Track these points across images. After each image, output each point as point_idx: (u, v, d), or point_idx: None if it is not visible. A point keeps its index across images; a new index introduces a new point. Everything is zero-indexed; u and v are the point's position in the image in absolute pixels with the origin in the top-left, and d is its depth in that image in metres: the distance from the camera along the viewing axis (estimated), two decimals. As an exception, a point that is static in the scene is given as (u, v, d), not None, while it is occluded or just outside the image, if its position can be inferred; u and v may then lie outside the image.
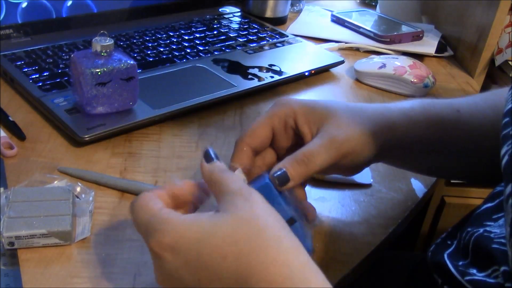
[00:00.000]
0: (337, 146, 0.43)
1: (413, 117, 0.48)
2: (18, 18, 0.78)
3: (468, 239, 0.46)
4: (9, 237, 0.43)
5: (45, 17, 0.81)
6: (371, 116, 0.46)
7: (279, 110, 0.45)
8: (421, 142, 0.48)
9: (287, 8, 1.03)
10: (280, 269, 0.32)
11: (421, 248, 1.09)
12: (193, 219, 0.34)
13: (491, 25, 0.87)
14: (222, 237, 0.32)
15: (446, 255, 0.48)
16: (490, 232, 0.44)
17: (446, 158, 0.50)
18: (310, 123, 0.45)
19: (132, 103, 0.63)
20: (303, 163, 0.41)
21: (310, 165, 0.41)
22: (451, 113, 0.49)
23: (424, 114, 0.48)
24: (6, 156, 0.55)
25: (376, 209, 0.55)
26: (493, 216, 0.46)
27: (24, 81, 0.67)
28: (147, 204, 0.36)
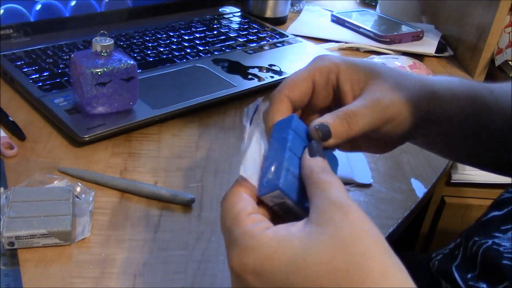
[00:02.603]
0: (382, 109, 0.39)
1: (454, 89, 0.45)
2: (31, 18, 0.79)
3: (475, 250, 0.45)
4: (9, 237, 0.43)
5: (54, 17, 0.81)
6: (416, 83, 0.43)
7: (322, 64, 0.41)
8: (460, 117, 0.45)
9: (287, 8, 1.02)
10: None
11: (421, 248, 1.10)
12: (283, 238, 0.29)
13: (491, 25, 0.87)
14: (316, 265, 0.28)
15: (454, 267, 0.48)
16: (499, 245, 0.44)
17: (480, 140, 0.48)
18: (353, 81, 0.41)
19: (132, 103, 0.63)
20: (345, 121, 0.37)
21: (352, 124, 0.38)
22: (486, 92, 0.47)
23: (463, 88, 0.46)
24: (6, 156, 0.55)
25: (376, 209, 0.54)
26: (502, 227, 0.45)
27: (24, 81, 0.67)
28: (235, 206, 0.32)
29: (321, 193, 0.31)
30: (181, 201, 0.51)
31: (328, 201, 0.30)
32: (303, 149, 0.36)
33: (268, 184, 0.34)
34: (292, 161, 0.35)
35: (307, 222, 0.30)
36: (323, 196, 0.31)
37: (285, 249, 0.28)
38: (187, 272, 0.44)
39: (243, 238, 0.30)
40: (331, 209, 0.30)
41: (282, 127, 0.37)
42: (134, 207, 0.51)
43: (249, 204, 0.33)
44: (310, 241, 0.28)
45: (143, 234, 0.48)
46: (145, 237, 0.47)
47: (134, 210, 0.51)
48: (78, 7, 0.83)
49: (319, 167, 0.33)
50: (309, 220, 0.30)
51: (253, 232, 0.30)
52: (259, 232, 0.30)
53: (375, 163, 0.61)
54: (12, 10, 0.77)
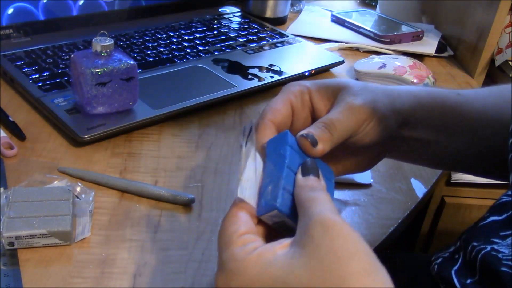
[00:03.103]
0: (355, 111, 0.42)
1: (419, 97, 0.47)
2: (41, 14, 0.80)
3: (474, 256, 0.45)
4: (9, 237, 0.43)
5: (64, 15, 0.82)
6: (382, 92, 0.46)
7: (294, 88, 0.44)
8: (427, 124, 0.47)
9: (287, 8, 1.02)
10: None
11: (421, 248, 1.09)
12: (267, 262, 0.30)
13: (491, 25, 0.87)
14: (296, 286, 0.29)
15: (453, 271, 0.47)
16: (498, 251, 0.43)
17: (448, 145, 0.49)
18: (324, 98, 0.43)
19: (132, 103, 0.63)
20: (326, 129, 0.40)
21: (332, 131, 0.40)
22: (452, 95, 0.49)
23: (429, 95, 0.48)
24: (6, 156, 0.55)
25: (376, 209, 0.55)
26: (501, 232, 0.45)
27: (24, 81, 0.67)
28: (228, 229, 0.34)
29: (305, 211, 0.32)
30: (181, 201, 0.51)
31: (310, 218, 0.31)
32: (299, 166, 0.37)
33: (266, 204, 0.35)
34: (289, 179, 0.36)
35: (292, 243, 0.31)
36: (306, 214, 0.32)
37: (268, 273, 0.29)
38: (187, 272, 0.44)
39: (229, 262, 0.31)
40: (312, 227, 0.30)
41: (277, 144, 0.38)
42: (134, 207, 0.51)
43: (244, 225, 0.34)
44: (291, 263, 0.29)
45: (143, 234, 0.48)
46: (145, 237, 0.47)
47: (134, 210, 0.51)
48: (85, 6, 0.83)
49: (309, 186, 0.34)
50: (294, 240, 0.31)
51: (239, 256, 0.31)
52: (244, 256, 0.31)
53: (375, 163, 0.62)
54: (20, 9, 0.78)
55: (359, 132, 0.42)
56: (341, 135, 0.40)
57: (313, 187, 0.34)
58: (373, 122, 0.42)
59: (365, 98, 0.43)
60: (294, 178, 0.36)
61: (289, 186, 0.35)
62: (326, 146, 0.39)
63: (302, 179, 0.35)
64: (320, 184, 0.35)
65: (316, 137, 0.39)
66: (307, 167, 0.36)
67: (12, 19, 0.77)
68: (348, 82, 0.44)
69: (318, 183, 0.35)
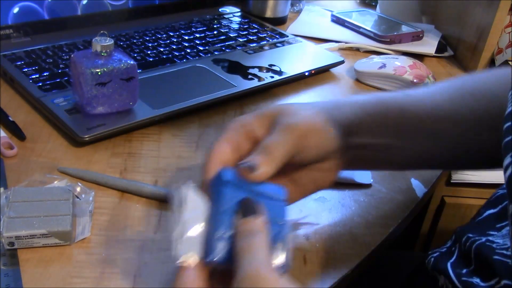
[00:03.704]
0: (290, 129, 0.42)
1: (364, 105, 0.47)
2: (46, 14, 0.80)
3: (469, 247, 0.46)
4: (9, 237, 0.43)
5: (68, 14, 0.82)
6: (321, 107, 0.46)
7: (234, 125, 0.44)
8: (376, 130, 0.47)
9: (287, 8, 1.02)
10: None
11: (421, 248, 1.09)
12: None
13: (491, 25, 0.87)
14: None
15: (449, 264, 0.48)
16: (492, 242, 0.44)
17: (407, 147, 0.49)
18: (265, 126, 0.44)
19: (132, 103, 0.63)
20: (264, 153, 0.40)
21: (271, 154, 0.40)
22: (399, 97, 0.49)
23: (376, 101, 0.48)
24: (6, 156, 0.55)
25: (376, 209, 0.55)
26: (497, 224, 0.46)
27: (24, 81, 0.67)
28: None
29: (239, 262, 0.33)
30: (181, 201, 0.51)
31: (241, 271, 0.32)
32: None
33: (207, 255, 0.35)
34: (227, 224, 0.36)
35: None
36: (239, 265, 0.33)
37: None
38: (187, 272, 0.44)
39: None
40: (242, 280, 0.31)
41: (215, 185, 0.38)
42: (134, 207, 0.51)
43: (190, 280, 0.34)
44: None
45: (143, 234, 0.48)
46: (145, 237, 0.47)
47: (134, 210, 0.51)
48: (89, 6, 0.83)
49: (247, 231, 0.35)
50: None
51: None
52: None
53: (375, 163, 0.62)
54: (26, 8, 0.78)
55: (301, 149, 0.42)
56: (281, 155, 0.41)
57: (250, 231, 0.35)
58: (312, 136, 0.43)
59: (300, 116, 0.44)
60: (232, 221, 0.36)
61: (228, 232, 0.35)
62: (268, 168, 0.39)
63: (239, 222, 0.36)
64: (257, 224, 0.35)
65: (256, 162, 0.39)
66: (244, 206, 0.36)
67: (18, 18, 0.77)
68: (286, 105, 0.46)
69: (255, 224, 0.35)
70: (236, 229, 0.35)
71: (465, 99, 0.48)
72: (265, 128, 0.44)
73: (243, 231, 0.35)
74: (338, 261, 0.47)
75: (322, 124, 0.44)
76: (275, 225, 0.37)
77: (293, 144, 0.42)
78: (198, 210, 0.37)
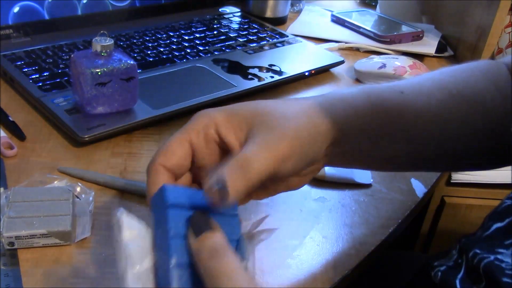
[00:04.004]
0: (274, 149, 0.36)
1: (356, 107, 0.43)
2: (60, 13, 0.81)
3: (477, 263, 0.44)
4: (9, 237, 0.43)
5: (68, 14, 0.82)
6: (309, 111, 0.40)
7: (196, 122, 0.38)
8: (367, 132, 0.43)
9: (287, 8, 1.02)
10: None
11: (421, 248, 1.10)
12: None
13: (491, 25, 0.87)
14: None
15: (458, 280, 0.47)
16: (501, 261, 0.42)
17: (393, 147, 0.45)
18: (236, 130, 0.38)
19: (132, 103, 0.63)
20: (240, 170, 0.34)
21: (248, 173, 0.34)
22: (394, 95, 0.44)
23: (368, 100, 0.43)
24: (6, 156, 0.55)
25: (376, 209, 0.55)
26: (505, 241, 0.44)
27: (24, 81, 0.67)
28: None
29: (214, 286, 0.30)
30: (181, 201, 0.51)
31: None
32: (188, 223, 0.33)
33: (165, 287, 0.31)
34: (180, 249, 0.32)
35: None
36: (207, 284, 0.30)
37: None
38: (187, 272, 0.44)
39: None
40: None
41: (158, 206, 0.34)
42: (134, 207, 0.51)
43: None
44: None
45: (143, 234, 0.48)
46: (145, 237, 0.47)
47: (134, 210, 0.50)
48: (89, 5, 0.83)
49: (207, 252, 0.31)
50: None
51: None
52: None
53: (375, 163, 0.62)
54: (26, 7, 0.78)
55: (282, 169, 0.37)
56: (258, 177, 0.35)
57: (212, 251, 0.31)
58: (296, 156, 0.38)
59: (285, 130, 0.37)
60: (185, 244, 0.32)
61: (183, 258, 0.32)
62: (243, 191, 0.34)
63: (196, 243, 0.32)
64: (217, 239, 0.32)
65: (228, 183, 0.33)
66: (196, 225, 0.32)
67: (18, 17, 0.77)
68: (264, 108, 0.39)
69: (215, 240, 0.32)
70: (195, 250, 0.31)
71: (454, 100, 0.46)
72: (236, 132, 0.38)
73: (205, 251, 0.31)
74: (338, 261, 0.47)
75: (308, 141, 0.39)
76: (231, 242, 0.34)
77: (273, 166, 0.36)
78: (142, 238, 0.33)
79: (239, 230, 0.36)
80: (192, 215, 0.33)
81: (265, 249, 0.47)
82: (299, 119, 0.39)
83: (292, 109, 0.40)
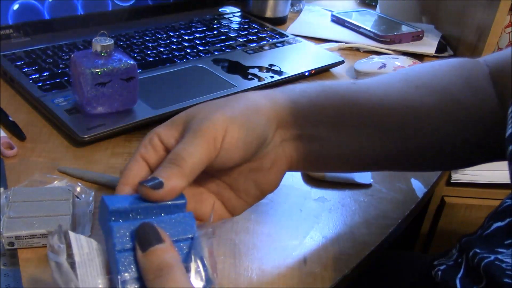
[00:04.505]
0: (202, 133, 0.37)
1: (309, 93, 0.44)
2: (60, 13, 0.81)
3: (477, 263, 0.44)
4: (9, 237, 0.43)
5: (68, 14, 0.82)
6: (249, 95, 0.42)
7: (144, 139, 0.40)
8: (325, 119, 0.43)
9: (287, 8, 1.02)
10: None
11: (421, 248, 1.10)
12: None
13: (491, 25, 0.87)
14: None
15: (458, 279, 0.47)
16: (502, 261, 0.42)
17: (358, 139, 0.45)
18: (174, 133, 0.39)
19: (132, 103, 0.63)
20: (173, 164, 0.35)
21: (182, 164, 0.35)
22: (347, 85, 0.45)
23: (321, 89, 0.44)
24: (6, 156, 0.55)
25: (376, 209, 0.55)
26: (505, 241, 0.44)
27: (24, 81, 0.67)
28: None
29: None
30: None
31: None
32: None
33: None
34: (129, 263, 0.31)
35: None
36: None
37: None
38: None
39: None
40: None
41: (103, 220, 0.33)
42: (134, 207, 0.51)
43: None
44: None
45: (143, 234, 0.48)
46: (145, 237, 0.47)
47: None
48: (88, 5, 0.83)
49: (152, 270, 0.31)
50: None
51: None
52: None
53: (375, 163, 0.62)
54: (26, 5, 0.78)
55: (220, 152, 0.38)
56: (193, 163, 0.36)
57: (159, 267, 0.30)
58: (231, 136, 0.38)
59: (211, 117, 0.39)
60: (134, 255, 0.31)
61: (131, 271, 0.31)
62: (178, 181, 0.35)
63: (143, 259, 0.31)
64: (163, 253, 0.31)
65: (162, 177, 0.34)
66: (142, 238, 0.32)
67: (18, 16, 0.77)
68: (201, 106, 0.41)
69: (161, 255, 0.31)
70: (142, 266, 0.31)
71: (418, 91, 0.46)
72: (175, 136, 0.39)
73: (151, 268, 0.31)
74: (338, 261, 0.47)
75: (242, 121, 0.39)
76: (185, 241, 0.34)
77: (207, 148, 0.37)
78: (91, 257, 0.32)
79: (193, 228, 0.35)
80: (139, 226, 0.32)
81: (265, 249, 0.47)
82: (234, 103, 0.40)
83: (229, 98, 0.41)
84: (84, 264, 0.31)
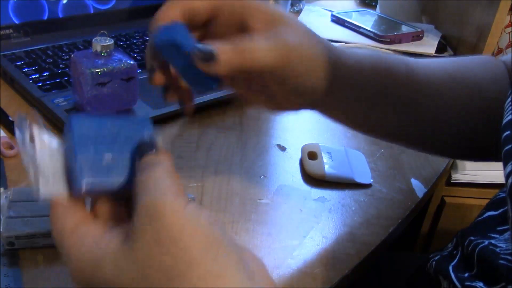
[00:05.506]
0: (285, 49, 0.37)
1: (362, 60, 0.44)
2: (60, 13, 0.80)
3: (471, 250, 0.45)
4: (9, 237, 0.43)
5: (68, 14, 0.82)
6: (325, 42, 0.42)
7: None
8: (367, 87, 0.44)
9: (287, 8, 1.02)
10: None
11: (421, 249, 1.10)
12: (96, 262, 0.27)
13: (491, 25, 0.87)
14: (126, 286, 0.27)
15: (451, 267, 0.47)
16: (495, 246, 0.43)
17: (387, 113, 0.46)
18: (264, 21, 0.37)
19: (132, 103, 0.63)
20: (238, 49, 0.34)
21: (246, 55, 0.35)
22: (399, 64, 0.46)
23: (373, 59, 0.45)
24: (6, 156, 0.55)
25: (376, 209, 0.55)
26: (498, 227, 0.45)
27: (24, 81, 0.67)
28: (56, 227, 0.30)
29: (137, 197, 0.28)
30: (181, 201, 0.51)
31: (140, 205, 0.27)
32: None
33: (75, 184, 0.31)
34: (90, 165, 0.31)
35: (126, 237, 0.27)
36: (137, 200, 0.28)
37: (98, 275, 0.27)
38: (187, 272, 0.44)
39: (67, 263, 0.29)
40: (141, 216, 0.27)
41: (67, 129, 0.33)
42: (134, 207, 0.51)
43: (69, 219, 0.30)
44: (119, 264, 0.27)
45: (143, 234, 0.48)
46: (145, 237, 0.47)
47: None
48: (90, 5, 0.83)
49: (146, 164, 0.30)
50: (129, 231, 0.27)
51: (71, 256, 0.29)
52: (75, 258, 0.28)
53: (375, 163, 0.62)
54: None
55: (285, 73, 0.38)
56: (255, 64, 0.35)
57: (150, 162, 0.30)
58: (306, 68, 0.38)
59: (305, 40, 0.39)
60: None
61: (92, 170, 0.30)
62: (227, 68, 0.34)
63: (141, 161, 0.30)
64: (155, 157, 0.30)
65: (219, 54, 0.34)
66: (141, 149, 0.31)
67: (18, 10, 0.77)
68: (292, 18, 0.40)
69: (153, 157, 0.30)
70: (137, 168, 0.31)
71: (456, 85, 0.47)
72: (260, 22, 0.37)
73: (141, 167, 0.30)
74: (338, 261, 0.47)
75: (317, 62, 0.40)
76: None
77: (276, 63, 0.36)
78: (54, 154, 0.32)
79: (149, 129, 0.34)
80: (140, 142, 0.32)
81: (265, 249, 0.47)
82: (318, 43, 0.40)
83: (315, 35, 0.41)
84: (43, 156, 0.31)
